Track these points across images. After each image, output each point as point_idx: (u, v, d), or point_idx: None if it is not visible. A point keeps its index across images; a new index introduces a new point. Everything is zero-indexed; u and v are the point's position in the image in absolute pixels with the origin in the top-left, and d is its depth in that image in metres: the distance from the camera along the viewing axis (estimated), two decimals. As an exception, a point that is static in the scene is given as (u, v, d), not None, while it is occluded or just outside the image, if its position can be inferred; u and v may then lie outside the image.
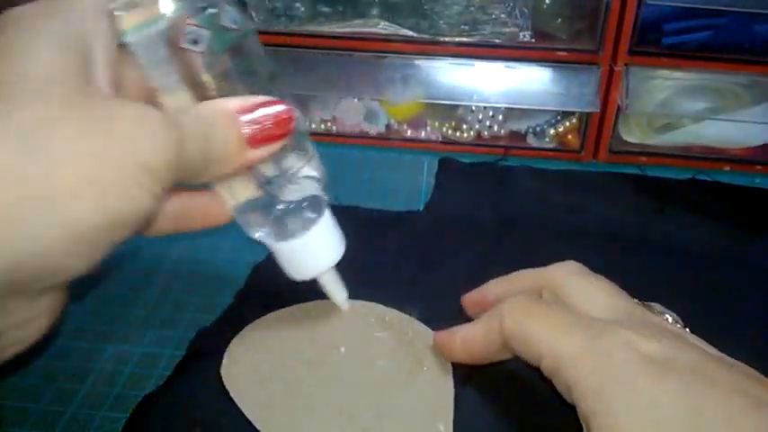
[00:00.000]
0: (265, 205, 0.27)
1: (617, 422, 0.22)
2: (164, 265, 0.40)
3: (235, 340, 0.33)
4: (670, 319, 0.29)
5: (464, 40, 0.51)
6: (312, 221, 0.29)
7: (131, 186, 0.20)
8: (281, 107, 0.24)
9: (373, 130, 0.55)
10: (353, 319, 0.34)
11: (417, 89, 0.52)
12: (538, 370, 0.26)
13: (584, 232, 0.41)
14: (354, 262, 0.39)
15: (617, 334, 0.24)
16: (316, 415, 0.29)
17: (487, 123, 0.54)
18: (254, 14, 0.53)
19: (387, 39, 0.51)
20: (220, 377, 0.31)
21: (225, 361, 0.32)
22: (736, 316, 0.35)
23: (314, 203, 0.29)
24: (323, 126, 0.56)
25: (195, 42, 0.23)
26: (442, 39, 0.51)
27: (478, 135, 0.55)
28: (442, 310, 0.33)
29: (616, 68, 0.49)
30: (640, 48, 0.48)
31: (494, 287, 0.32)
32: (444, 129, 0.55)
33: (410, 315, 0.34)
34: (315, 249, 0.30)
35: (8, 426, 0.30)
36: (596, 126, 0.52)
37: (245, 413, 0.29)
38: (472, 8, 0.52)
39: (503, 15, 0.52)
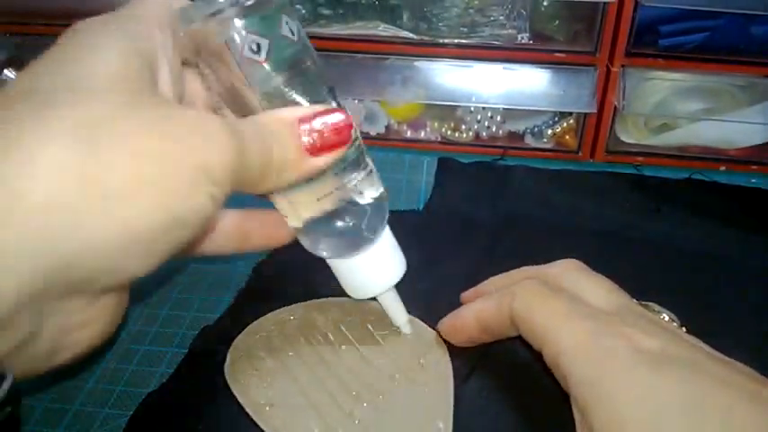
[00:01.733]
0: (326, 222, 0.27)
1: (614, 413, 0.22)
2: (166, 264, 0.40)
3: (237, 339, 0.33)
4: (666, 318, 0.29)
5: (463, 42, 0.51)
6: (372, 239, 0.28)
7: (190, 187, 0.20)
8: (340, 116, 0.25)
9: (373, 130, 0.56)
10: (354, 318, 0.34)
11: (417, 90, 0.53)
12: (540, 359, 0.26)
13: (582, 231, 0.41)
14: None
15: (617, 328, 0.24)
16: (317, 413, 0.29)
17: (486, 124, 0.54)
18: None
19: (387, 41, 0.52)
20: (222, 375, 0.31)
21: (228, 359, 0.32)
22: (731, 315, 0.35)
23: (375, 220, 0.28)
24: (323, 127, 0.56)
25: (255, 52, 0.23)
26: (441, 41, 0.51)
27: (477, 136, 0.55)
28: (442, 309, 0.33)
29: (613, 70, 0.49)
30: (637, 49, 0.48)
31: (493, 285, 0.32)
32: (443, 129, 0.55)
33: (410, 313, 0.34)
34: (374, 268, 0.29)
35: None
36: (593, 126, 0.52)
37: (248, 411, 0.29)
38: (471, 10, 0.52)
39: (501, 17, 0.52)
